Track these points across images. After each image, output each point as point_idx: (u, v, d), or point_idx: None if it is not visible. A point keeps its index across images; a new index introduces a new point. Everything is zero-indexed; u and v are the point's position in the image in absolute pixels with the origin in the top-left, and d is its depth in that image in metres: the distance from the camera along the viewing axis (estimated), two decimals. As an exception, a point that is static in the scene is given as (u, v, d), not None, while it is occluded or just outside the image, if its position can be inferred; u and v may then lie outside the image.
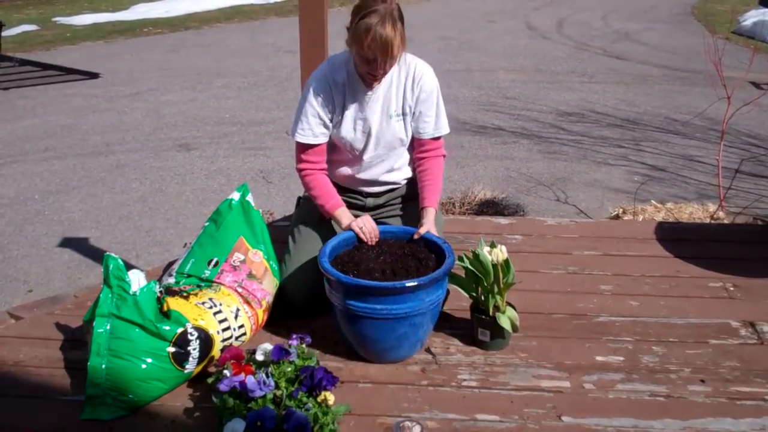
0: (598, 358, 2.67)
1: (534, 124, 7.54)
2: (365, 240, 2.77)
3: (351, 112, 2.92)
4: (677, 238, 3.68)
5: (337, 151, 3.04)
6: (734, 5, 14.03)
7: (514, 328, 2.66)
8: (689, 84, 9.03)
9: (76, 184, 6.10)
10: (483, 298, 2.69)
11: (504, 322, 2.62)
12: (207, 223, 2.95)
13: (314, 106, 2.89)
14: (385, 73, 2.81)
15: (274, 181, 6.12)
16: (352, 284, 2.47)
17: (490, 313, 2.65)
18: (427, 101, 2.95)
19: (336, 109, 2.91)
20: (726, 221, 4.50)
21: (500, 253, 2.61)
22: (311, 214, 3.07)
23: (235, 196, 2.95)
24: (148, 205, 5.68)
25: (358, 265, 2.62)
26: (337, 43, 3.17)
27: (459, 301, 2.95)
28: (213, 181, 6.17)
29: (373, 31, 2.61)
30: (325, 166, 3.00)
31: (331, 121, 2.93)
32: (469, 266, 2.65)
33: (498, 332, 2.67)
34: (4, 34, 10.82)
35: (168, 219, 5.43)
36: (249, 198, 2.97)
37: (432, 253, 2.70)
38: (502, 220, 4.01)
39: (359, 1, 2.73)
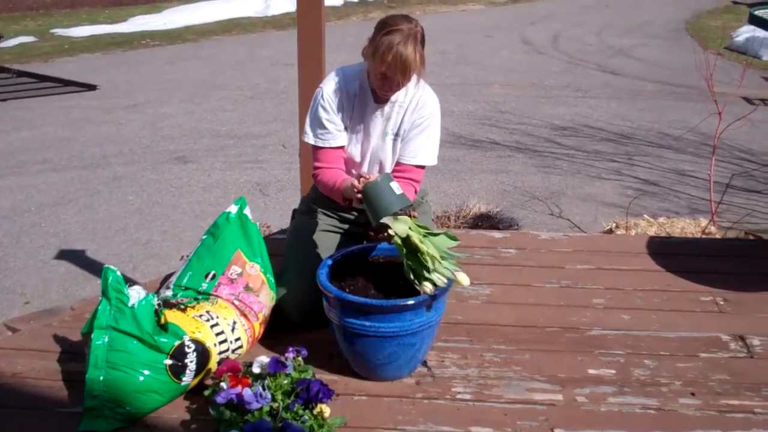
0: (591, 371, 2.70)
1: (529, 138, 7.58)
2: (366, 177, 2.66)
3: (356, 123, 2.95)
4: (669, 253, 3.71)
5: None
6: (727, 21, 14.11)
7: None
8: (682, 99, 9.08)
9: (73, 196, 6.12)
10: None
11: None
12: (204, 236, 2.98)
13: (330, 112, 2.91)
14: (397, 91, 2.85)
15: (271, 194, 6.15)
16: (339, 298, 2.49)
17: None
18: (421, 127, 2.94)
19: (345, 118, 2.95)
20: (717, 236, 4.54)
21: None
22: (307, 228, 3.10)
23: (233, 209, 2.98)
24: (145, 217, 5.71)
25: (357, 280, 2.65)
26: (334, 56, 3.21)
27: (453, 314, 2.99)
28: (209, 193, 6.19)
29: (394, 50, 2.65)
30: (342, 168, 3.00)
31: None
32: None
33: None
34: (2, 45, 10.89)
35: (164, 231, 5.45)
36: (246, 211, 2.99)
37: None
38: (497, 234, 4.04)
39: (386, 17, 2.78)
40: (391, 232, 2.52)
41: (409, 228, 2.53)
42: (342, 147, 2.97)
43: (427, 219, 3.25)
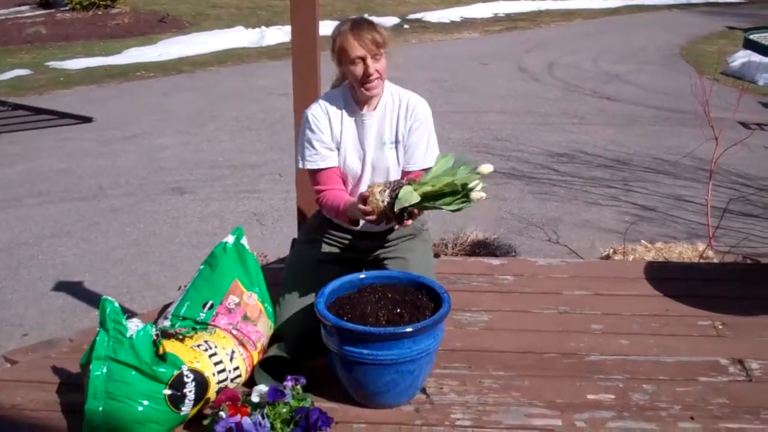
0: (590, 396, 2.70)
1: (525, 165, 7.61)
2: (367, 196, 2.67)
3: (348, 138, 2.98)
4: (667, 278, 3.72)
5: None
6: (722, 46, 14.21)
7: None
8: (679, 124, 9.13)
9: (70, 228, 6.12)
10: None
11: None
12: (202, 266, 2.98)
13: (317, 131, 2.95)
14: (379, 76, 2.87)
15: (268, 223, 6.16)
16: (337, 326, 2.50)
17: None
18: (419, 130, 3.00)
19: (334, 135, 2.97)
20: (715, 260, 4.54)
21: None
22: (306, 258, 3.10)
23: (230, 239, 2.98)
24: (142, 248, 5.71)
25: (355, 308, 2.65)
26: (329, 85, 3.22)
27: (451, 341, 2.99)
28: (206, 224, 6.20)
29: (348, 25, 2.81)
30: (342, 187, 3.02)
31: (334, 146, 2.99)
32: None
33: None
34: (-3, 78, 10.90)
35: (162, 262, 5.45)
36: (243, 241, 3.00)
37: (432, 302, 2.71)
38: (494, 261, 4.05)
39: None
40: (411, 207, 2.54)
41: (414, 189, 2.55)
42: (336, 167, 3.00)
43: (427, 246, 3.26)
